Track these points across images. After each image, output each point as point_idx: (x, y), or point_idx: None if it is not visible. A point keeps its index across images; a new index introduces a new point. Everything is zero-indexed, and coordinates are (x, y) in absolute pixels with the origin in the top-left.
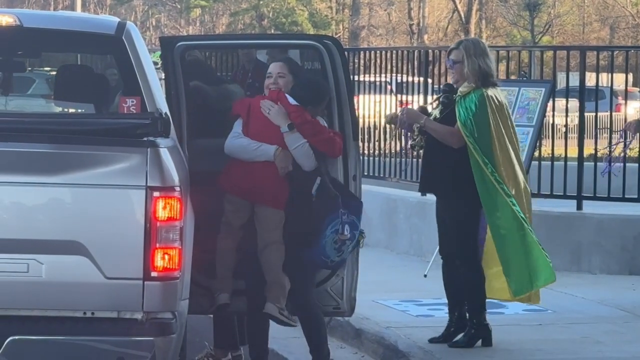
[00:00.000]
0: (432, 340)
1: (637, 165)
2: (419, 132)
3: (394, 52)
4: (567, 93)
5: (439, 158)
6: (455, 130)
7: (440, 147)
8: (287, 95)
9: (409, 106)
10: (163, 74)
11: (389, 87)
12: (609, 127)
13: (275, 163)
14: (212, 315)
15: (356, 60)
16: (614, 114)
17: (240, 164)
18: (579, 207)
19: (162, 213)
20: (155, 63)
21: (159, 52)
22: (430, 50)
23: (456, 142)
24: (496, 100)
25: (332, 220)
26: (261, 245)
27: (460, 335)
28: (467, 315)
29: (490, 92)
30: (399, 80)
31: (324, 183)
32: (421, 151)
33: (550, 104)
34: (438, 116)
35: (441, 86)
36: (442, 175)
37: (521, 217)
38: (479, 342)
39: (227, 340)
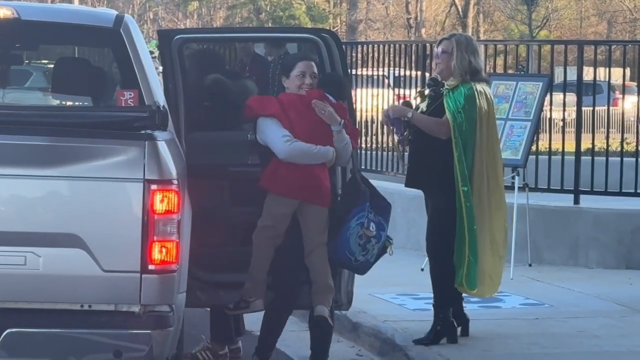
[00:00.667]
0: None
1: (634, 159)
2: (407, 126)
3: (392, 45)
4: (564, 87)
5: (426, 153)
6: (443, 120)
7: (428, 143)
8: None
9: (406, 99)
10: (160, 66)
11: (386, 80)
12: (606, 121)
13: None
14: (207, 309)
15: (354, 54)
16: (611, 108)
17: (292, 166)
18: (576, 201)
19: (159, 206)
20: (151, 52)
21: (154, 42)
22: (427, 44)
23: (444, 133)
24: (485, 96)
25: (357, 213)
26: (309, 248)
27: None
28: (433, 310)
29: (479, 87)
30: (396, 74)
31: (354, 178)
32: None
33: (547, 98)
34: (425, 109)
35: (427, 80)
36: (429, 170)
37: (467, 228)
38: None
39: (225, 334)
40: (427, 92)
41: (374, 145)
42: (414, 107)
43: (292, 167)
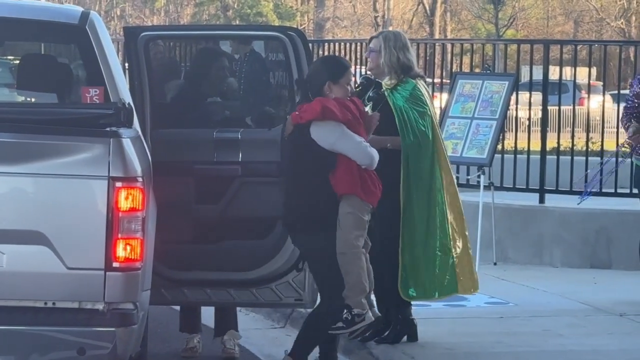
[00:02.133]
0: (363, 339)
1: (598, 158)
2: None
3: (359, 44)
4: (530, 86)
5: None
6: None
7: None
8: None
9: None
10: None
11: (352, 78)
12: (572, 120)
13: None
14: (172, 307)
15: (321, 52)
16: (577, 107)
17: (371, 173)
18: (542, 200)
19: (124, 203)
20: None
21: None
22: None
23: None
24: (425, 91)
25: None
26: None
27: (387, 332)
28: (393, 310)
29: (419, 82)
30: (363, 72)
31: None
32: None
33: (513, 97)
34: (370, 113)
35: (360, 79)
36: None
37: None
38: (405, 338)
39: (194, 326)
40: (370, 93)
41: None
42: None
43: (371, 174)
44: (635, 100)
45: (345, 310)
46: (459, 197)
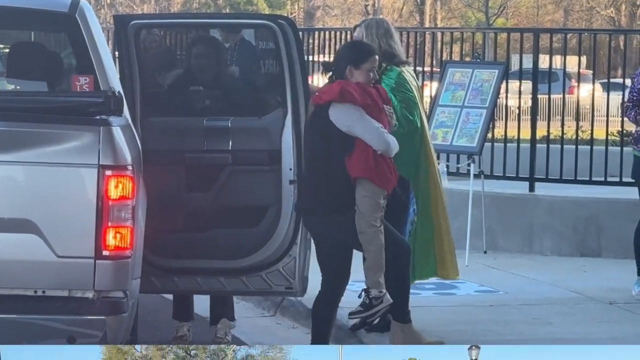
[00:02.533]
0: (353, 328)
1: (588, 147)
2: None
3: (349, 32)
4: (520, 75)
5: None
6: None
7: None
8: None
9: None
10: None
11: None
12: (562, 109)
13: None
14: (162, 295)
15: (311, 41)
16: (566, 96)
17: (387, 158)
18: (531, 188)
19: (114, 192)
20: None
21: None
22: None
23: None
24: (412, 78)
25: (412, 199)
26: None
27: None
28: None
29: (405, 70)
30: None
31: None
32: None
33: (503, 85)
34: None
35: None
36: None
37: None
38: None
39: (186, 314)
40: None
41: None
42: None
43: (387, 160)
44: None
45: (363, 294)
46: (441, 184)
